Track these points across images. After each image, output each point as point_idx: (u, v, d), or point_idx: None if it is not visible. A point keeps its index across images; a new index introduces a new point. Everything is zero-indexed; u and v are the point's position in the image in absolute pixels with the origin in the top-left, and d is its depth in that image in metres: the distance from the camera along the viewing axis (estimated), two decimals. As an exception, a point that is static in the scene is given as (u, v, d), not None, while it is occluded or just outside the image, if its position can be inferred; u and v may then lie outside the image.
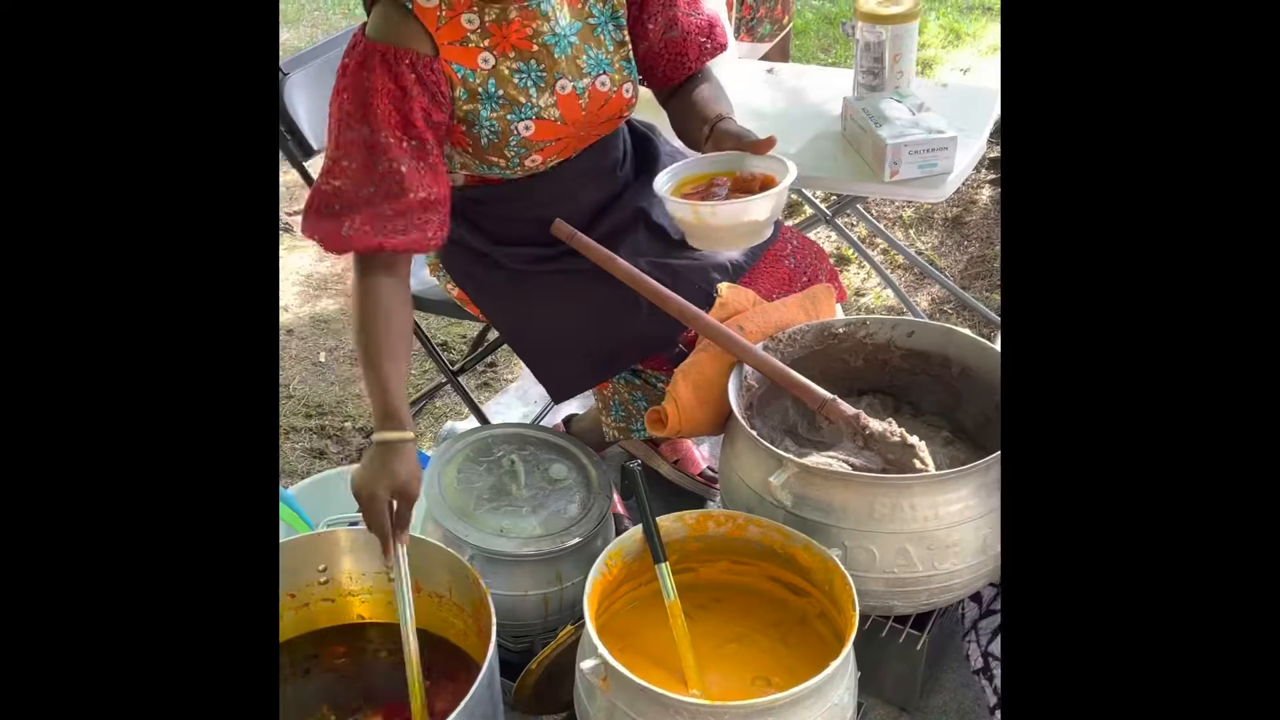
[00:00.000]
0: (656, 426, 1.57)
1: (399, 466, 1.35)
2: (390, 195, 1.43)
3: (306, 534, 1.47)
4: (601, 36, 1.57)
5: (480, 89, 1.49)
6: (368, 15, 1.49)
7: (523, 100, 1.51)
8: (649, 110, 2.20)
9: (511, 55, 1.50)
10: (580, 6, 1.56)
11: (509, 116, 1.51)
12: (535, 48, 1.51)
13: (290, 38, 4.66)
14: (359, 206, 1.43)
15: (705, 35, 1.69)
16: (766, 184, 1.51)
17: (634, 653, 1.37)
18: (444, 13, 1.46)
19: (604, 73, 1.57)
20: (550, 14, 1.52)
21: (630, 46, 1.62)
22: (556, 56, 1.53)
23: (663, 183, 1.54)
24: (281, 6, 5.14)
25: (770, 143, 1.53)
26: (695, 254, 1.67)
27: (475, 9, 1.48)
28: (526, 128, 1.52)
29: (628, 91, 1.61)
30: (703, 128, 1.61)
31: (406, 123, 1.44)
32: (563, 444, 1.71)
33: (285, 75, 1.85)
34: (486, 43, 1.49)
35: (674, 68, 1.68)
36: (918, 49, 3.93)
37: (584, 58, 1.55)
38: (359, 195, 1.43)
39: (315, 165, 1.85)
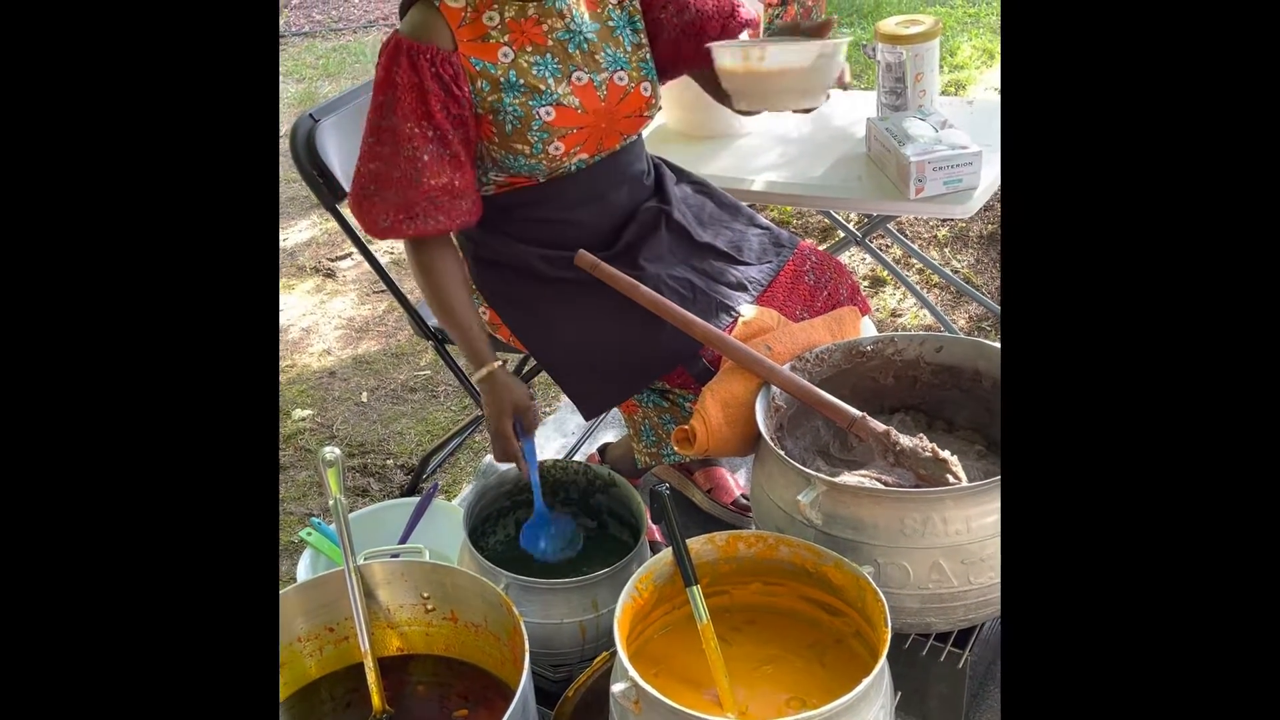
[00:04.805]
0: (684, 445, 1.57)
1: (501, 394, 1.64)
2: (412, 182, 1.58)
3: (344, 567, 1.48)
4: (620, 38, 1.66)
5: (502, 79, 1.60)
6: (401, 19, 1.62)
7: (542, 88, 1.61)
8: (661, 145, 2.22)
9: (529, 49, 1.61)
10: (599, 10, 1.65)
11: (530, 102, 1.60)
12: (550, 43, 1.61)
13: (331, 89, 4.77)
14: (389, 190, 1.59)
15: (725, 16, 1.73)
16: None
17: (669, 677, 1.37)
18: (468, 13, 1.58)
19: (621, 69, 1.66)
20: (566, 12, 1.62)
21: (648, 49, 1.69)
22: (571, 51, 1.62)
23: (718, 45, 1.51)
24: (324, 58, 5.27)
25: (831, 24, 1.53)
26: (716, 262, 1.71)
27: (496, 6, 1.59)
28: (548, 113, 1.61)
29: (646, 90, 1.69)
30: None
31: (427, 114, 1.57)
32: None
33: (316, 121, 1.91)
34: (506, 38, 1.60)
35: (698, 48, 1.71)
36: (951, 70, 3.95)
37: (601, 54, 1.65)
38: (390, 177, 1.59)
39: (345, 208, 1.90)
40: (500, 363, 1.66)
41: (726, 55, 1.49)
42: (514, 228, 1.72)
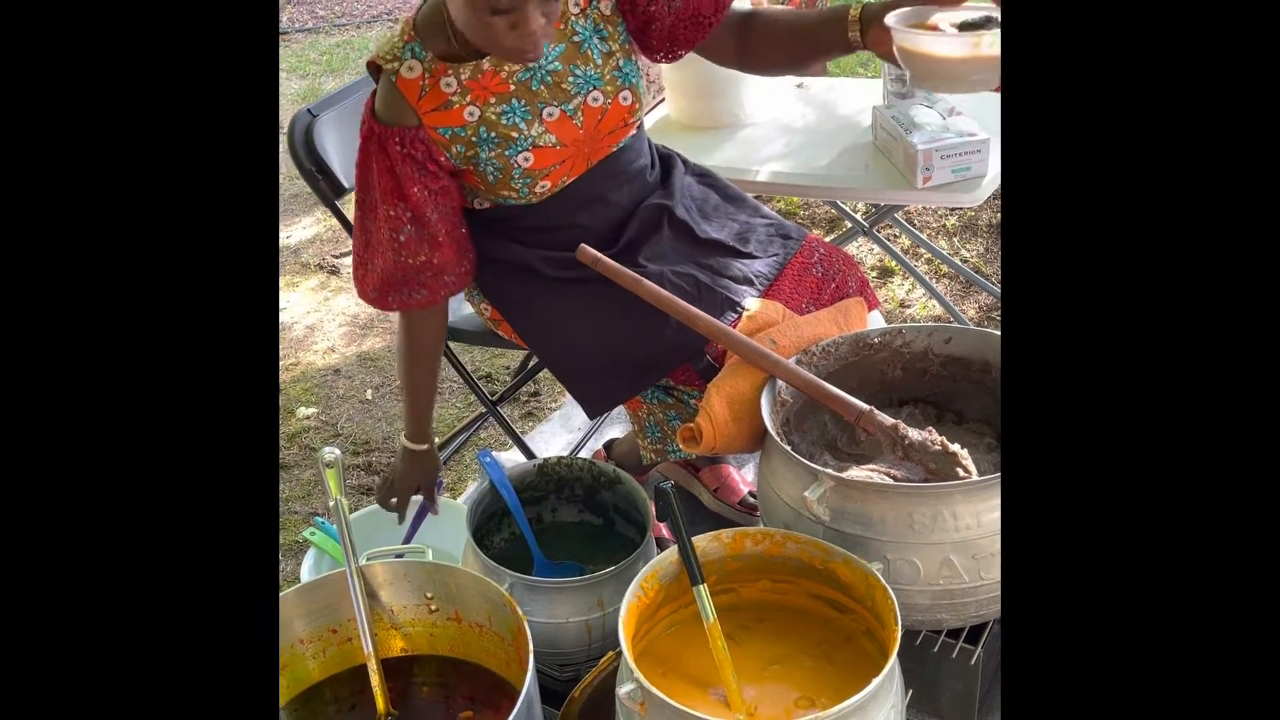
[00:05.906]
0: (690, 444, 1.55)
1: (422, 468, 1.80)
2: (394, 259, 1.60)
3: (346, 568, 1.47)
4: (588, 52, 1.59)
5: (474, 137, 1.56)
6: (375, 84, 1.58)
7: (515, 135, 1.56)
8: (663, 136, 2.20)
9: (493, 101, 1.55)
10: (562, 27, 1.57)
11: (506, 152, 1.56)
12: (512, 87, 1.55)
13: (334, 85, 4.75)
14: (377, 260, 1.62)
15: None
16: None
17: (676, 677, 1.35)
18: (426, 81, 1.53)
19: (594, 88, 1.59)
20: None
21: (621, 55, 1.61)
22: (535, 89, 1.56)
23: (896, 20, 1.42)
24: (328, 54, 5.26)
25: None
26: (721, 257, 1.68)
27: (450, 72, 1.53)
28: (526, 159, 1.57)
29: (625, 99, 1.62)
30: (843, 19, 1.51)
31: (401, 195, 1.56)
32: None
33: (315, 116, 1.89)
34: (468, 99, 1.54)
35: (695, 28, 1.62)
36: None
37: (569, 80, 1.57)
38: (376, 249, 1.62)
39: (346, 203, 1.89)
40: (433, 446, 1.79)
41: (953, 45, 1.39)
42: (513, 232, 1.70)
